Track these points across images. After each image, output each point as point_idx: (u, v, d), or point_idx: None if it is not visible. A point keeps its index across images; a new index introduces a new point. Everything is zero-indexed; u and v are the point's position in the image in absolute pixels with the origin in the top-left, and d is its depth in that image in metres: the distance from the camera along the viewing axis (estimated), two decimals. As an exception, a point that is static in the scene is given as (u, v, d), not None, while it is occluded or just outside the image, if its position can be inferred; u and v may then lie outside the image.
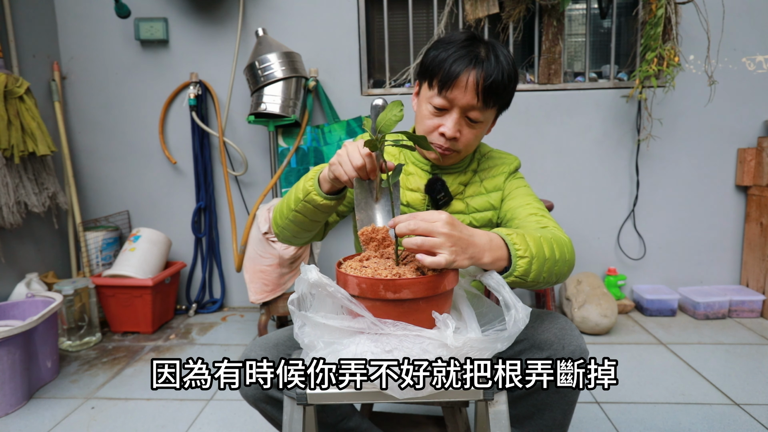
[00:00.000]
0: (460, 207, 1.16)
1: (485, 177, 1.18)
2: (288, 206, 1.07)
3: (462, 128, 1.07)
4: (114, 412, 1.79)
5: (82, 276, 2.68)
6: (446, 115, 1.06)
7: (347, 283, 0.76)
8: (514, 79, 1.06)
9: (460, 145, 1.08)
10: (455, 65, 1.01)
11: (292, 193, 1.07)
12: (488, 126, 1.12)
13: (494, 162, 1.20)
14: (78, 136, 2.80)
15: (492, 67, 1.01)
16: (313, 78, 2.60)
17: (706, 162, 2.67)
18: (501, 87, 1.03)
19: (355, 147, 0.93)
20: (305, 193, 1.01)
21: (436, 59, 1.04)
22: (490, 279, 0.80)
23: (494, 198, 1.16)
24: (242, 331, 2.56)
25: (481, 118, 1.06)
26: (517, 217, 1.09)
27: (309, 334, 0.76)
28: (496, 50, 1.04)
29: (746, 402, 1.77)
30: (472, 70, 1.01)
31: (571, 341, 0.96)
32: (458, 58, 1.01)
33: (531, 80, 2.70)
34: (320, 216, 1.06)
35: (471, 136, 1.08)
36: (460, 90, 1.02)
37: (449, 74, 1.01)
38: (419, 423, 1.47)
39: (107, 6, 2.63)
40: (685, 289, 2.67)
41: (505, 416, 0.78)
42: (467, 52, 1.02)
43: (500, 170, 1.18)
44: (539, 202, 1.13)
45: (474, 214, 1.16)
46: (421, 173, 1.17)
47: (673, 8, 2.43)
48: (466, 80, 1.01)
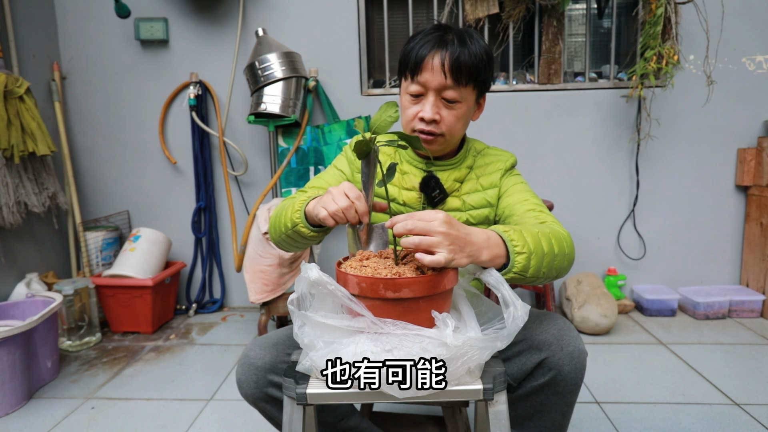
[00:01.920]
0: (456, 204, 1.15)
1: (481, 174, 1.17)
2: (279, 228, 1.06)
3: (440, 110, 1.07)
4: (114, 412, 1.79)
5: (82, 276, 2.68)
6: (423, 100, 1.07)
7: (347, 282, 0.76)
8: (484, 59, 1.06)
9: (442, 127, 1.08)
10: (422, 50, 1.04)
11: (281, 216, 1.05)
12: (471, 108, 1.12)
13: (490, 159, 1.20)
14: (78, 136, 2.80)
15: (457, 47, 1.03)
16: (313, 78, 2.60)
17: (706, 162, 2.67)
18: (469, 65, 1.04)
19: (341, 191, 0.91)
20: (293, 224, 1.00)
21: (406, 51, 1.08)
22: (489, 276, 0.80)
23: (490, 195, 1.16)
24: (242, 331, 2.56)
25: (458, 97, 1.06)
26: (515, 213, 1.09)
27: (309, 334, 0.76)
28: (464, 35, 1.06)
29: (746, 402, 1.77)
30: (438, 51, 1.03)
31: (569, 342, 0.96)
32: (424, 44, 1.05)
33: (531, 80, 2.71)
34: (312, 242, 1.05)
35: (452, 118, 1.08)
36: (429, 71, 1.04)
37: (417, 59, 1.05)
38: (419, 423, 1.47)
39: (107, 6, 2.63)
40: (685, 289, 2.67)
41: (505, 416, 0.78)
42: (433, 38, 1.05)
43: (496, 167, 1.18)
44: (537, 197, 1.13)
45: (471, 211, 1.15)
46: (417, 172, 1.16)
47: (672, 8, 2.43)
48: (432, 61, 1.03)
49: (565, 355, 0.95)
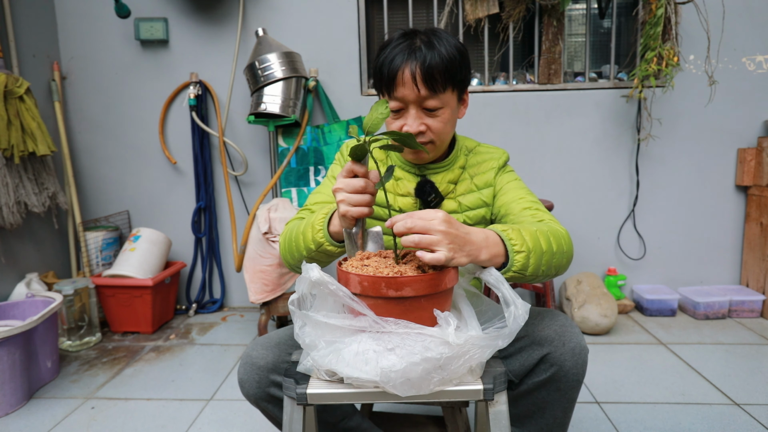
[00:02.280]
0: (453, 206, 1.14)
1: (475, 173, 1.16)
2: (299, 252, 1.02)
3: (424, 120, 1.04)
4: (114, 412, 1.79)
5: (82, 276, 2.68)
6: (405, 113, 1.05)
7: (349, 281, 0.76)
8: (457, 58, 1.02)
9: (430, 135, 1.06)
10: (392, 64, 1.01)
11: (298, 241, 1.01)
12: (454, 109, 1.09)
13: (482, 157, 1.18)
14: (78, 136, 2.80)
15: (424, 53, 0.99)
16: (313, 78, 2.60)
17: (706, 162, 2.67)
18: (442, 70, 1.00)
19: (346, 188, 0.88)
20: (317, 245, 0.98)
21: (377, 66, 1.05)
22: (489, 276, 0.80)
23: (486, 194, 1.15)
24: (242, 331, 2.56)
25: (438, 104, 1.03)
26: (511, 212, 1.09)
27: (310, 334, 0.76)
28: (431, 38, 1.02)
29: (746, 402, 1.77)
30: (407, 63, 0.99)
31: (571, 338, 0.96)
32: (394, 56, 1.01)
33: (531, 80, 2.71)
34: (335, 258, 1.03)
35: (438, 125, 1.06)
36: (403, 86, 1.01)
37: (389, 75, 1.01)
38: (419, 423, 1.47)
39: (107, 6, 2.63)
40: (685, 289, 2.67)
41: (506, 416, 0.78)
42: (401, 48, 1.01)
43: (489, 165, 1.17)
44: (532, 195, 1.13)
45: (467, 212, 1.15)
46: (410, 177, 1.15)
47: (672, 8, 2.43)
48: (403, 75, 1.00)
49: (566, 350, 0.95)
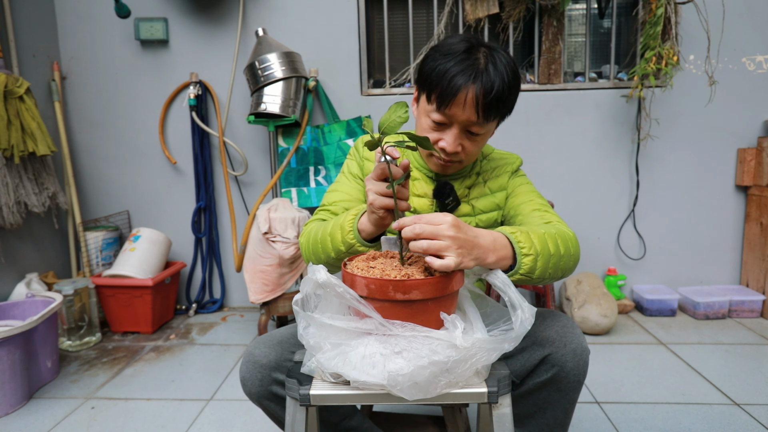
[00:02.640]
0: (467, 210, 1.15)
1: (489, 178, 1.18)
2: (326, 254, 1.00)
3: (463, 141, 1.04)
4: (114, 412, 1.79)
5: (82, 276, 2.68)
6: (446, 130, 1.02)
7: (355, 283, 0.76)
8: (515, 87, 1.01)
9: (463, 156, 1.07)
10: (453, 81, 0.96)
11: (325, 243, 0.99)
12: (492, 132, 1.10)
13: (496, 163, 1.20)
14: (78, 136, 2.80)
15: (491, 78, 0.96)
16: (313, 78, 2.59)
17: (706, 162, 2.67)
18: (502, 100, 0.99)
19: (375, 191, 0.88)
20: (348, 247, 0.96)
21: (433, 73, 0.99)
22: (495, 279, 0.80)
23: (499, 198, 1.16)
24: (242, 331, 2.56)
25: (482, 131, 1.03)
26: (520, 213, 1.10)
27: (314, 335, 0.75)
28: (495, 58, 0.99)
29: (746, 402, 1.77)
30: (471, 86, 0.96)
31: (572, 339, 0.96)
32: (456, 74, 0.96)
33: (531, 80, 2.71)
34: None
35: (473, 148, 1.06)
36: (459, 107, 0.98)
37: (448, 92, 0.96)
38: (419, 423, 1.47)
39: (107, 6, 2.63)
40: (685, 289, 2.68)
41: (509, 419, 0.78)
42: (466, 66, 0.96)
43: (503, 170, 1.19)
44: (542, 198, 1.14)
45: (480, 215, 1.16)
46: (426, 179, 1.16)
47: (672, 8, 2.43)
48: (465, 97, 0.96)
49: (568, 351, 0.95)
